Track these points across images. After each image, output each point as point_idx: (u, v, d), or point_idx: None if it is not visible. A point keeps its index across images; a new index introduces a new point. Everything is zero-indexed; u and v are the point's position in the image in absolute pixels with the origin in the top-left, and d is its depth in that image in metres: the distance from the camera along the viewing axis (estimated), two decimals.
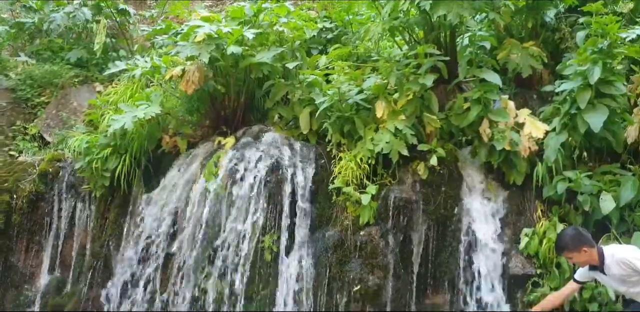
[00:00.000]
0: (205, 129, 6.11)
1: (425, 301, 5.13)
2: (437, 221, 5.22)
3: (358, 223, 5.21)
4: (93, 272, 5.67)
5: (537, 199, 5.18)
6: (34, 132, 7.14)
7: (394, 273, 5.05)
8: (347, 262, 5.10)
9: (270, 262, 5.32)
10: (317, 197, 5.50)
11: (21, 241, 6.33)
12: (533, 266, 4.93)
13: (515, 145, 5.16)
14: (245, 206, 5.39)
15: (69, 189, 6.30)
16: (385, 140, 5.22)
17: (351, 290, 5.00)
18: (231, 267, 5.30)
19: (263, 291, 5.27)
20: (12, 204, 6.30)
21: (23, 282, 6.25)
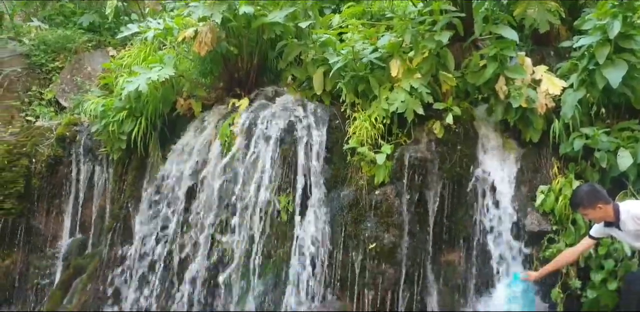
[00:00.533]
0: (219, 91, 6.08)
1: (440, 259, 5.15)
2: (452, 179, 5.20)
3: (373, 183, 5.20)
4: (113, 234, 5.74)
5: (553, 156, 5.14)
6: (49, 97, 7.19)
7: (409, 231, 5.07)
8: (363, 221, 5.12)
9: (286, 221, 5.35)
10: (331, 158, 5.50)
11: (42, 204, 6.45)
12: (549, 222, 4.92)
13: (532, 102, 5.09)
14: (261, 166, 5.40)
15: (87, 152, 6.37)
16: (401, 100, 5.17)
17: (366, 248, 5.03)
18: (248, 227, 5.35)
19: (280, 250, 5.32)
20: (31, 168, 6.39)
21: (45, 244, 6.39)
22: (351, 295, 5.02)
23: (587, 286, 4.71)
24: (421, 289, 5.02)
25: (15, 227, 6.34)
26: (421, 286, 5.02)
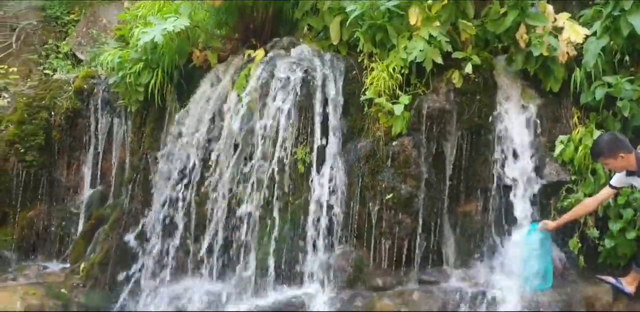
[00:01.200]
0: (234, 42, 5.99)
1: (457, 209, 5.15)
2: (470, 129, 5.13)
3: (390, 134, 5.14)
4: (133, 185, 5.79)
5: (573, 106, 5.04)
6: (66, 51, 7.16)
7: (427, 182, 5.03)
8: (380, 172, 5.10)
9: (303, 173, 5.35)
10: (348, 109, 5.43)
11: (62, 156, 6.52)
12: (567, 172, 4.87)
13: (553, 50, 4.95)
14: (277, 118, 5.36)
15: (105, 105, 6.37)
16: (419, 49, 5.04)
17: (383, 198, 5.02)
18: (265, 178, 5.36)
19: (297, 201, 5.33)
20: (50, 121, 6.43)
21: (67, 195, 6.50)
22: (368, 244, 5.05)
23: (605, 236, 4.70)
24: (438, 239, 5.03)
25: (38, 179, 6.45)
26: (438, 235, 5.03)
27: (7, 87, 7.08)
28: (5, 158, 6.39)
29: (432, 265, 4.97)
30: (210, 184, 5.41)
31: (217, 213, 5.34)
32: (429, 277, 4.85)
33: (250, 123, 5.43)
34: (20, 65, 7.22)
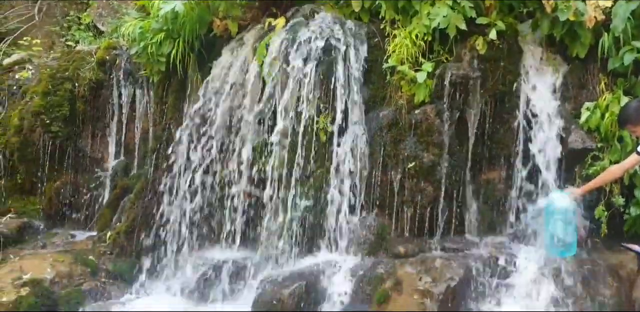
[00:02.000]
0: (254, 10, 5.89)
1: (480, 177, 5.08)
2: (494, 97, 5.02)
3: (413, 102, 5.07)
4: (157, 155, 5.80)
5: (600, 72, 4.90)
6: (87, 22, 7.12)
7: (449, 150, 4.96)
8: (402, 141, 5.03)
9: (325, 142, 5.30)
10: (370, 77, 5.35)
11: (87, 127, 6.55)
12: (593, 140, 4.76)
13: (581, 15, 4.78)
14: (298, 86, 5.30)
15: (127, 76, 6.35)
16: (443, 15, 4.91)
17: (405, 167, 4.97)
18: (287, 148, 5.33)
19: (319, 170, 5.31)
20: (74, 92, 6.44)
21: (93, 166, 6.54)
22: (390, 213, 5.03)
23: (630, 204, 4.61)
24: (460, 207, 4.99)
25: (64, 150, 6.50)
26: (460, 203, 4.98)
27: (31, 59, 7.09)
28: (31, 129, 6.42)
29: (454, 233, 4.94)
30: (232, 153, 5.40)
31: (239, 181, 5.34)
32: (451, 245, 4.82)
33: (271, 92, 5.39)
34: (43, 37, 7.21)
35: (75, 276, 5.37)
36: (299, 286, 4.67)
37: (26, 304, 5.01)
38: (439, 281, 4.43)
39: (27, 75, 6.86)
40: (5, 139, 6.69)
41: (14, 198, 6.66)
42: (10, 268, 5.35)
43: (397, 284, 4.51)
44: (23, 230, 6.24)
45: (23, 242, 6.08)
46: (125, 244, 5.65)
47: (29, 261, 5.48)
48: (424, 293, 4.38)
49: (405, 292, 4.44)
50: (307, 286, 4.66)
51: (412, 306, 4.35)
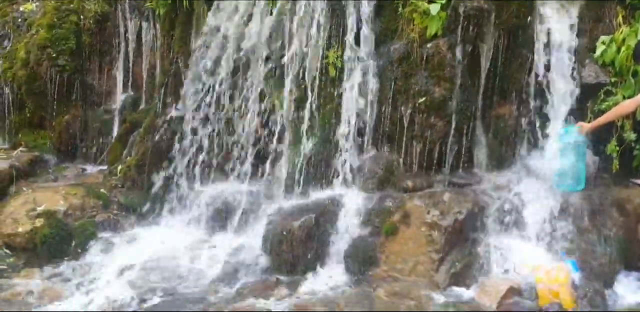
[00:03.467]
0: None
1: (490, 112, 4.94)
2: (508, 30, 4.79)
3: (425, 35, 4.86)
4: (165, 89, 5.67)
5: (618, 4, 4.66)
6: None
7: (461, 85, 4.80)
8: (413, 75, 4.87)
9: (334, 77, 5.16)
10: (381, 10, 5.12)
11: (94, 61, 6.39)
12: (607, 74, 4.59)
13: None
14: (308, 20, 5.09)
15: (133, 8, 6.14)
16: None
17: (416, 102, 4.83)
18: (297, 82, 5.19)
19: (328, 105, 5.19)
20: (80, 24, 6.23)
21: (101, 100, 6.43)
22: (399, 148, 4.94)
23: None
24: (470, 142, 4.88)
25: (71, 84, 6.37)
26: (470, 138, 4.88)
27: None
28: (38, 62, 6.27)
29: (463, 168, 4.85)
30: (241, 85, 5.26)
31: (249, 114, 5.23)
32: (460, 180, 4.75)
33: (281, 24, 5.19)
34: None
35: (87, 208, 5.38)
36: (308, 218, 4.65)
37: (41, 235, 5.04)
38: (447, 214, 4.39)
39: (32, 7, 6.63)
40: (12, 73, 6.56)
41: (24, 132, 6.59)
42: (24, 200, 5.36)
43: (405, 217, 4.50)
44: (34, 163, 6.20)
45: (35, 176, 6.06)
46: (136, 178, 5.62)
47: (42, 193, 5.47)
48: (432, 226, 4.36)
49: (413, 224, 4.42)
50: (317, 218, 4.64)
51: (419, 237, 4.35)
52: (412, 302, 3.84)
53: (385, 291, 4.02)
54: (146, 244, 5.13)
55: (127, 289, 4.47)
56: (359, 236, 4.56)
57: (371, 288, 4.14)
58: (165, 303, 4.26)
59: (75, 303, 4.30)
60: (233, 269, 4.65)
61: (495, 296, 3.85)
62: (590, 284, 3.92)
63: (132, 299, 4.36)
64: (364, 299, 3.94)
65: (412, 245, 4.34)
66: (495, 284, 3.98)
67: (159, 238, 5.21)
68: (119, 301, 4.34)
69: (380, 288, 4.08)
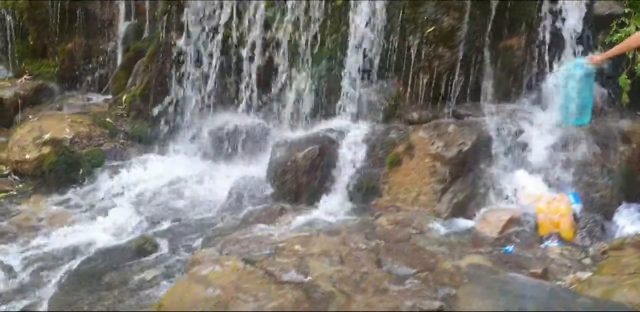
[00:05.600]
0: None
1: (499, 43, 4.69)
2: None
3: None
4: (168, 17, 5.37)
5: None
6: None
7: (470, 14, 4.54)
8: (421, 4, 4.59)
9: (340, 6, 4.88)
10: None
11: None
12: (621, 5, 4.34)
13: None
14: None
15: None
16: None
17: (424, 32, 4.59)
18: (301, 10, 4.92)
19: (334, 35, 4.95)
20: None
21: (103, 28, 6.15)
22: (405, 79, 4.75)
23: None
24: (477, 74, 4.68)
25: (73, 12, 6.08)
26: (477, 70, 4.67)
27: None
28: None
29: (469, 100, 4.68)
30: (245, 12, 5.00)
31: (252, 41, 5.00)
32: (466, 112, 4.59)
33: None
34: None
35: (94, 137, 5.26)
36: (312, 149, 4.55)
37: (48, 162, 4.95)
38: (451, 145, 4.26)
39: None
40: (14, 1, 6.23)
41: (27, 60, 6.36)
42: (30, 128, 5.23)
43: (410, 148, 4.37)
44: (39, 92, 6.03)
45: (40, 104, 5.91)
46: (141, 107, 5.46)
47: (48, 121, 5.34)
48: (436, 157, 4.24)
49: (417, 156, 4.31)
50: (321, 149, 4.54)
51: (423, 168, 4.24)
52: (414, 230, 3.77)
53: (387, 220, 3.95)
54: (153, 173, 5.05)
55: (134, 215, 4.43)
56: (363, 167, 4.47)
57: (373, 217, 4.08)
58: (173, 229, 4.23)
59: (84, 228, 4.27)
60: (238, 197, 4.59)
61: (496, 226, 3.79)
62: (591, 216, 3.85)
63: (140, 224, 4.33)
64: (366, 227, 3.87)
65: (416, 176, 4.24)
66: (496, 214, 3.92)
67: (165, 167, 5.12)
68: (127, 227, 4.31)
69: (383, 217, 4.02)
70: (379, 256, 3.38)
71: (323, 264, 3.25)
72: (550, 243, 3.63)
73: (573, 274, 3.22)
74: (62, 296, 3.38)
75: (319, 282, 3.06)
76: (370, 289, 3.04)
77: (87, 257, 3.85)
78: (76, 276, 3.59)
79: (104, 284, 3.49)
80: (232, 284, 3.04)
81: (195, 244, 3.97)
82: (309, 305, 2.91)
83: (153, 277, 3.50)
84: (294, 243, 3.54)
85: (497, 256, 3.46)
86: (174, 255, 3.82)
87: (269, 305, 2.87)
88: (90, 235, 4.18)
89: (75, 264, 3.74)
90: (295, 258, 3.31)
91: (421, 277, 3.14)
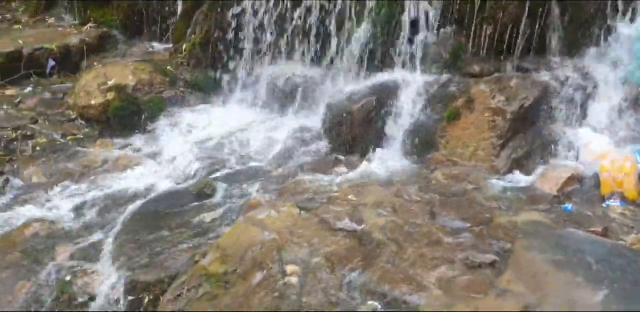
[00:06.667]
0: None
1: None
2: None
3: None
4: None
5: None
6: None
7: None
8: None
9: None
10: None
11: None
12: None
13: None
14: None
15: None
16: None
17: None
18: None
19: None
20: None
21: None
22: (467, 30, 4.51)
23: None
24: (543, 26, 4.42)
25: None
26: (543, 22, 4.40)
27: None
28: None
29: (534, 54, 4.43)
30: None
31: None
32: (530, 66, 4.35)
33: None
34: None
35: (155, 84, 5.30)
36: (369, 100, 4.46)
37: (112, 107, 5.05)
38: (513, 100, 4.10)
39: None
40: None
41: (92, 8, 6.39)
42: (95, 74, 5.31)
43: (469, 101, 4.22)
44: (103, 39, 6.09)
45: (104, 51, 5.98)
46: (201, 56, 5.45)
47: (112, 68, 5.41)
48: (496, 111, 4.09)
49: (476, 109, 4.16)
50: (378, 100, 4.44)
51: (482, 123, 4.10)
52: (470, 185, 3.69)
53: (443, 174, 3.87)
54: (211, 121, 5.08)
55: (193, 161, 4.50)
56: (420, 120, 4.35)
57: (428, 171, 4.01)
58: (230, 175, 4.28)
59: (147, 172, 4.37)
60: (293, 147, 4.60)
61: (555, 183, 3.66)
62: None
63: (199, 170, 4.40)
64: (421, 180, 3.82)
65: (474, 130, 4.11)
66: (556, 171, 3.78)
67: (223, 115, 5.15)
68: (187, 172, 4.40)
69: (438, 171, 3.94)
70: (433, 208, 3.34)
71: (376, 214, 3.25)
72: (611, 202, 3.49)
73: (635, 234, 3.10)
74: (126, 234, 3.50)
75: (371, 231, 3.06)
76: (423, 240, 3.03)
77: (149, 199, 3.96)
78: (139, 216, 3.70)
79: (165, 224, 3.59)
80: (287, 229, 3.09)
81: (251, 190, 4.01)
82: (361, 252, 2.92)
83: (212, 220, 3.57)
84: (348, 193, 3.54)
85: (555, 213, 3.35)
86: (231, 200, 3.88)
87: (323, 250, 2.90)
88: (151, 178, 4.29)
89: (138, 205, 3.85)
90: (349, 207, 3.32)
91: (475, 231, 3.09)
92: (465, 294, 2.53)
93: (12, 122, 4.98)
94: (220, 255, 2.98)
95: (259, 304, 2.64)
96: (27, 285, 3.27)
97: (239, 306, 2.66)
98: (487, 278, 2.64)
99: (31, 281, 3.28)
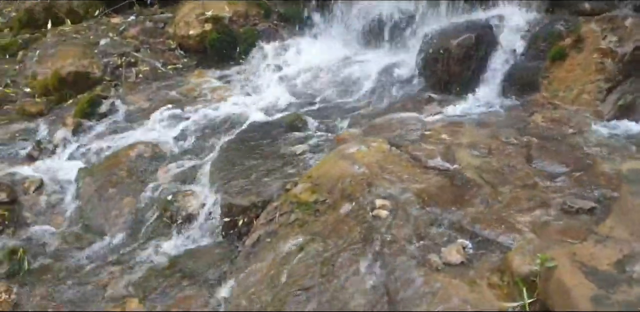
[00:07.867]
0: None
1: None
2: None
3: None
4: None
5: None
6: None
7: None
8: None
9: None
10: None
11: None
12: None
13: None
14: None
15: None
16: None
17: None
18: None
19: None
20: None
21: None
22: None
23: None
24: None
25: None
26: None
27: None
28: None
29: None
30: None
31: None
32: None
33: None
34: None
35: (250, 16, 5.27)
36: (468, 37, 4.18)
37: (210, 39, 5.08)
38: (626, 41, 3.71)
39: None
40: None
41: None
42: (194, 5, 5.33)
43: (578, 41, 3.87)
44: None
45: None
46: None
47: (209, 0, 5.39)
48: (606, 52, 3.73)
49: (585, 50, 3.82)
50: (478, 37, 4.16)
51: (589, 64, 3.77)
52: (571, 130, 3.45)
53: (543, 117, 3.63)
54: (303, 55, 5.02)
55: (285, 93, 4.50)
56: (522, 59, 4.06)
57: (527, 113, 3.77)
58: (320, 109, 4.26)
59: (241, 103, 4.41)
60: (386, 84, 4.46)
61: None
62: None
63: (290, 103, 4.40)
64: (519, 123, 3.60)
65: (580, 72, 3.80)
66: None
67: (315, 50, 5.06)
68: (279, 104, 4.40)
69: (538, 114, 3.69)
70: (530, 152, 3.18)
71: (470, 154, 3.13)
72: None
73: None
74: (222, 160, 3.59)
75: (465, 171, 2.96)
76: (518, 182, 2.90)
77: (244, 129, 4.01)
78: (234, 144, 3.77)
79: (257, 153, 3.64)
80: (377, 163, 3.03)
81: (342, 125, 3.97)
82: (453, 191, 2.84)
83: (302, 152, 3.57)
84: (441, 132, 3.42)
85: None
86: (322, 133, 3.86)
87: (414, 186, 2.84)
88: (245, 109, 4.33)
89: (234, 134, 3.92)
90: (442, 146, 3.21)
91: (574, 177, 2.92)
92: (560, 238, 2.42)
93: (118, 49, 5.13)
94: (311, 185, 2.99)
95: (348, 232, 2.65)
96: (132, 201, 3.46)
97: (329, 233, 2.69)
98: (585, 224, 2.50)
99: (136, 198, 3.46)
